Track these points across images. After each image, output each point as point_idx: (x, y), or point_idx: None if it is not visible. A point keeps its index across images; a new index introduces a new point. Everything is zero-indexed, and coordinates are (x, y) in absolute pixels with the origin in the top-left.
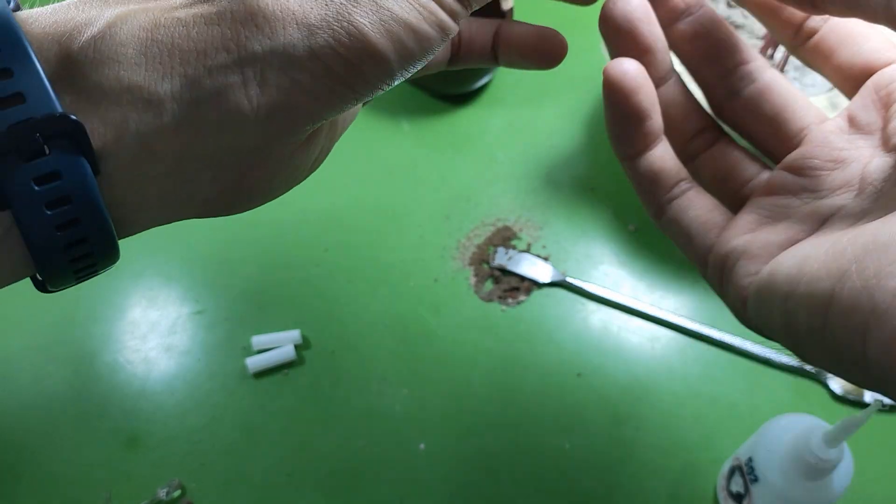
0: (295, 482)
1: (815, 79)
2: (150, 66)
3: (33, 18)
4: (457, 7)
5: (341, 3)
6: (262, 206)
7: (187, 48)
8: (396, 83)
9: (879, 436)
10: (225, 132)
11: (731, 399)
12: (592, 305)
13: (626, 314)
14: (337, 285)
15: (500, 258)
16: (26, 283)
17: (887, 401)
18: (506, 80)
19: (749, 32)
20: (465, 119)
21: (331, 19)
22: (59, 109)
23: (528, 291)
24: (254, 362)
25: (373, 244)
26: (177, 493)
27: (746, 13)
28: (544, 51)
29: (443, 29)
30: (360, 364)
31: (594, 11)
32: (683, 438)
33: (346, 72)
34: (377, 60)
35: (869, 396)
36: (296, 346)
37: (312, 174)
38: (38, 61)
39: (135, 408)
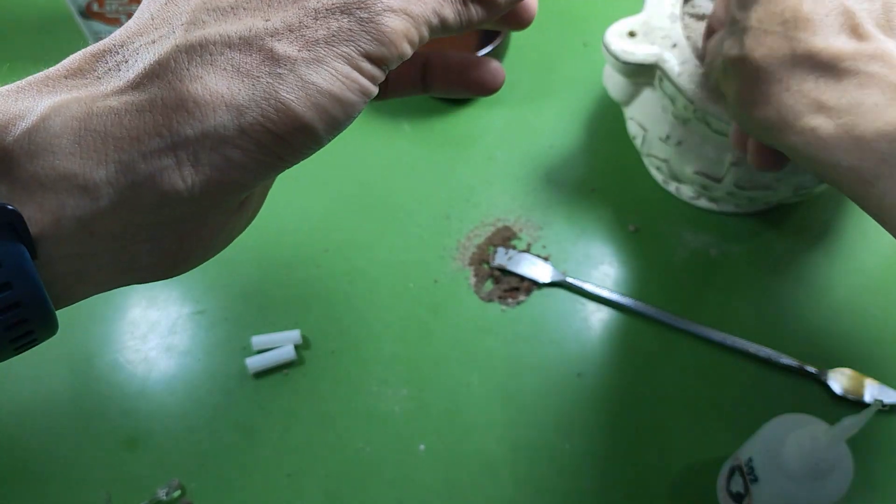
0: (295, 482)
1: None
2: (84, 155)
3: None
4: (376, 72)
5: (268, 83)
6: (262, 207)
7: (120, 135)
8: (324, 146)
9: (879, 436)
10: (161, 210)
11: (731, 399)
12: (592, 305)
13: (626, 314)
14: (337, 285)
15: (500, 258)
16: None
17: (887, 400)
18: (506, 81)
19: None
20: (465, 119)
21: (259, 98)
22: None
23: (528, 291)
24: (254, 362)
25: (373, 244)
26: (177, 494)
27: None
28: (480, 80)
29: (364, 94)
30: (360, 364)
31: (595, 11)
32: (683, 438)
33: (275, 144)
34: (305, 131)
35: (869, 397)
36: (296, 347)
37: (313, 176)
38: None
39: (135, 408)
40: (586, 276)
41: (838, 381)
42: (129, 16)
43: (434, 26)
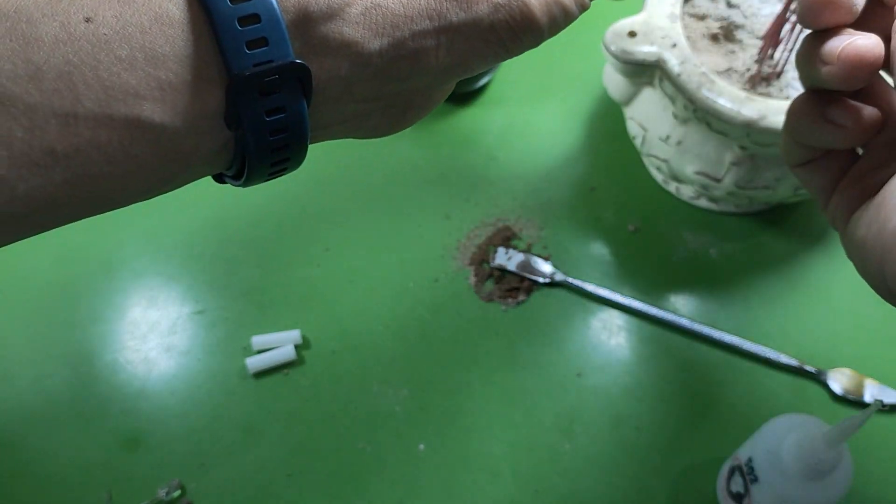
0: (295, 482)
1: None
2: (367, 26)
3: None
4: None
5: None
6: (263, 203)
7: (398, 13)
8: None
9: (879, 436)
10: (408, 82)
11: (731, 399)
12: (592, 305)
13: (626, 314)
14: (337, 285)
15: (500, 258)
16: (26, 285)
17: (887, 400)
18: (506, 80)
19: (749, 32)
20: (465, 119)
21: None
22: (293, 57)
23: (528, 291)
24: (254, 362)
25: (373, 244)
26: (177, 493)
27: (746, 13)
28: None
29: (582, 7)
30: (360, 364)
31: (596, 11)
32: (683, 438)
33: (510, 40)
34: (535, 32)
35: (868, 396)
36: (296, 346)
37: (314, 175)
38: (281, 14)
39: (135, 408)
40: (586, 276)
41: (838, 380)
42: None
43: None
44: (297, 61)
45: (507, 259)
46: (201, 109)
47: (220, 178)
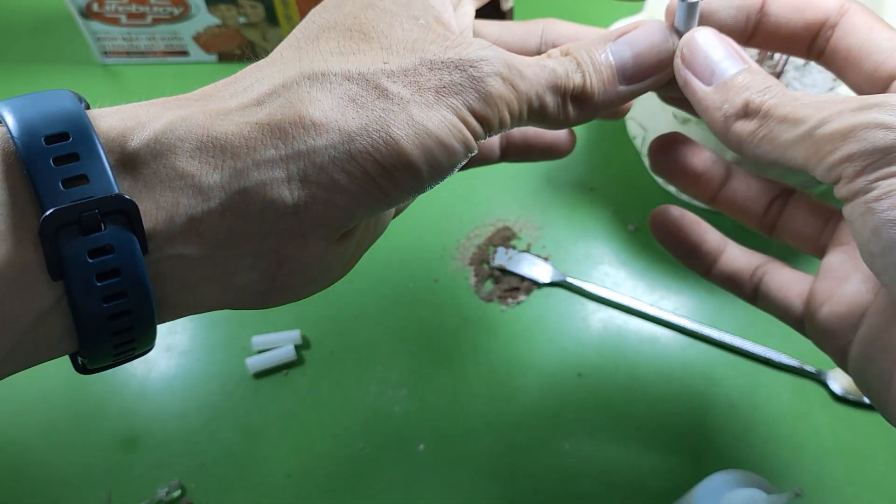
0: (294, 482)
1: (815, 79)
2: (202, 159)
3: (102, 115)
4: (479, 129)
5: (379, 116)
6: None
7: (238, 144)
8: (425, 191)
9: (880, 438)
10: (265, 219)
11: (731, 399)
12: (592, 305)
13: (626, 314)
14: (337, 285)
15: (500, 258)
16: None
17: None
18: None
19: None
20: None
21: (370, 128)
22: (116, 190)
23: (528, 291)
24: (254, 362)
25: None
26: (177, 493)
27: None
28: (555, 145)
29: (467, 146)
30: (360, 364)
31: (596, 12)
32: (683, 438)
33: (380, 176)
34: (409, 169)
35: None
36: (296, 347)
37: None
38: (103, 150)
39: (134, 408)
40: (586, 276)
41: (838, 381)
42: (129, 15)
43: (534, 108)
44: (118, 193)
45: (507, 259)
46: (20, 261)
47: (76, 365)
